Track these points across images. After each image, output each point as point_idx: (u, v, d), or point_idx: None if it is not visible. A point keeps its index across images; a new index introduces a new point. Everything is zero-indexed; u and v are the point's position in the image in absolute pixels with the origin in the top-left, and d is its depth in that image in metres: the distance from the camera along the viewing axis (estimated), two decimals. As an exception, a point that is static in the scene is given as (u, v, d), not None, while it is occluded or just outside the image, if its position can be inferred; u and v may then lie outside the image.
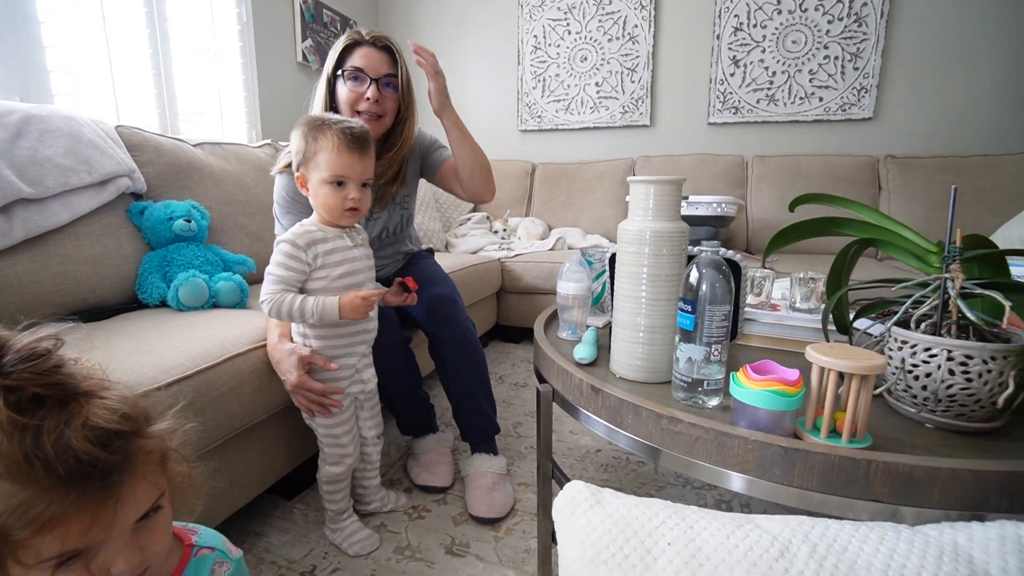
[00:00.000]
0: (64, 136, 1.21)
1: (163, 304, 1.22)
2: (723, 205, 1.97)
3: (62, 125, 1.22)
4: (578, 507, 0.53)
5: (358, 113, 1.12)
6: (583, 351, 0.83)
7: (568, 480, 0.82)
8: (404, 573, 0.96)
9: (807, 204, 0.85)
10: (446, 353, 1.19)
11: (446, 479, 1.21)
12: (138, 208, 1.29)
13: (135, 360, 0.82)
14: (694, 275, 0.67)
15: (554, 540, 0.89)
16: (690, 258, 0.75)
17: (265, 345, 0.98)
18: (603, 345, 0.87)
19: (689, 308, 0.66)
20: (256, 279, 1.18)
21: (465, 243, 2.40)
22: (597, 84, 2.88)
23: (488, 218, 2.65)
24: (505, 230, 2.54)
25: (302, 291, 0.91)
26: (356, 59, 1.11)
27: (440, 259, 1.53)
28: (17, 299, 1.04)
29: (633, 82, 2.80)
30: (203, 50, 2.10)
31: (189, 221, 1.30)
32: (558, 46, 2.92)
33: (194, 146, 1.57)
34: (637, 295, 0.73)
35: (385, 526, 1.09)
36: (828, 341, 0.73)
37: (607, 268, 1.06)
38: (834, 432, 0.55)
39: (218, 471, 0.91)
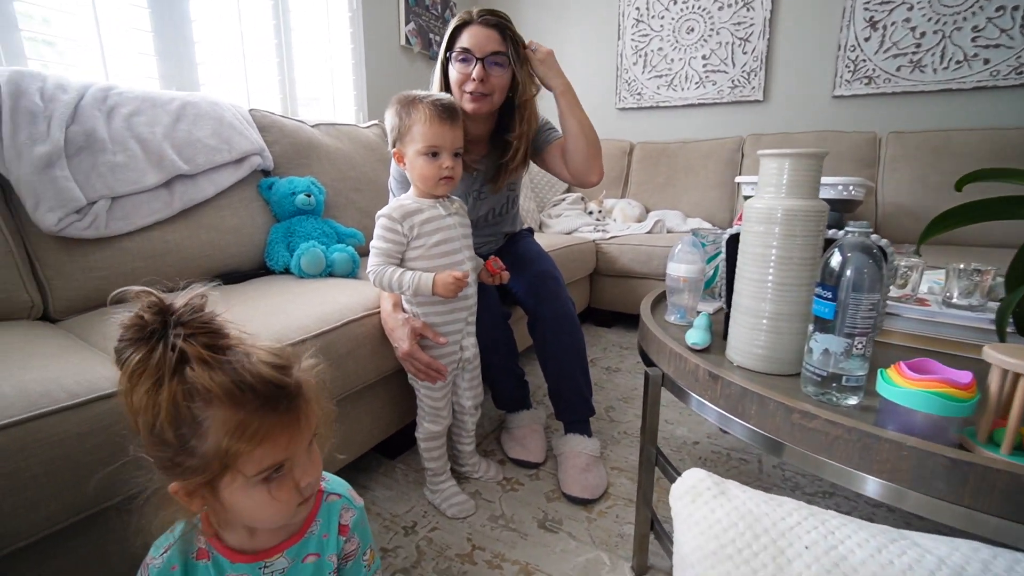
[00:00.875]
0: (211, 119, 1.35)
1: (286, 271, 1.34)
2: (851, 188, 1.76)
3: (209, 110, 1.37)
4: (699, 496, 0.50)
5: (467, 93, 1.12)
6: (696, 336, 0.78)
7: (673, 468, 0.80)
8: (498, 540, 0.98)
9: (975, 183, 0.72)
10: (546, 331, 1.19)
11: (539, 455, 1.23)
12: (267, 183, 1.42)
13: (268, 320, 0.91)
14: (836, 259, 0.60)
15: (652, 528, 0.87)
16: (828, 241, 0.68)
17: (378, 313, 1.04)
18: (714, 332, 0.82)
19: (829, 295, 0.59)
20: (365, 251, 1.25)
21: (559, 223, 2.37)
22: (704, 57, 2.68)
23: (583, 199, 2.60)
24: (600, 211, 2.48)
25: (403, 261, 0.97)
26: (464, 39, 1.11)
27: (535, 239, 1.53)
28: (176, 262, 1.20)
29: (746, 53, 2.57)
30: (319, 38, 2.24)
31: (309, 196, 1.41)
32: (662, 18, 2.76)
33: (312, 127, 1.69)
34: (763, 278, 0.68)
35: (480, 494, 1.12)
36: (1004, 341, 0.62)
37: (722, 250, 1.00)
38: (1018, 449, 0.47)
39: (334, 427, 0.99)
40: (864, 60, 2.35)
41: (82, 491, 0.59)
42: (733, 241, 0.88)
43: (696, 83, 2.73)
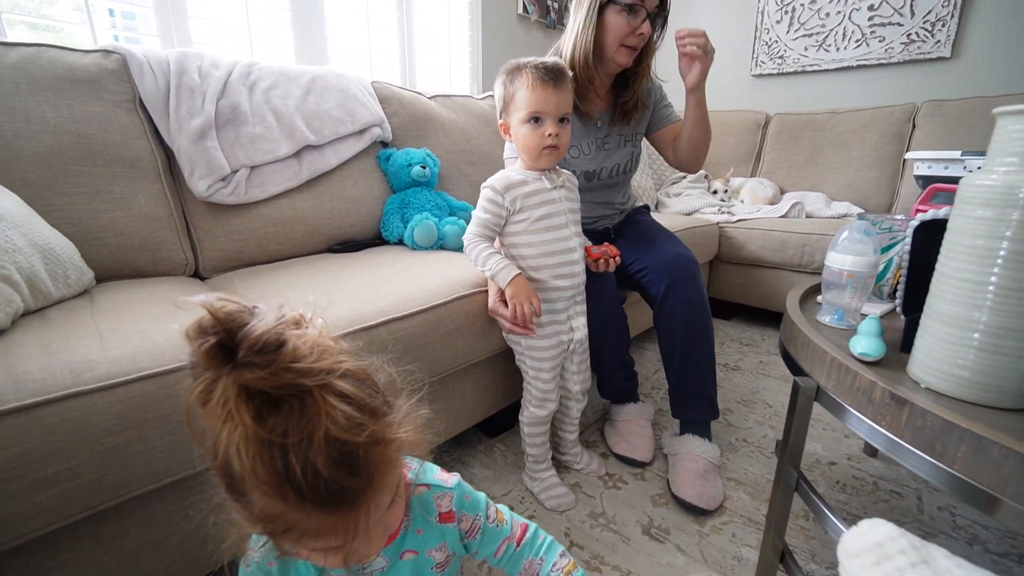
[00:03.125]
0: (337, 91, 1.40)
1: (400, 242, 1.37)
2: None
3: (336, 82, 1.42)
4: (888, 558, 0.39)
5: (625, 47, 1.07)
6: (867, 344, 0.63)
7: (825, 504, 0.66)
8: (598, 541, 0.92)
9: None
10: (675, 321, 1.08)
11: (646, 454, 1.13)
12: (385, 155, 1.45)
13: (379, 292, 0.91)
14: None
15: (782, 562, 0.74)
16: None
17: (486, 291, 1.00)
18: (887, 341, 0.66)
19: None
20: (477, 226, 1.24)
21: (679, 203, 2.18)
22: (871, 7, 2.26)
23: (707, 177, 2.37)
24: (726, 191, 2.24)
25: (504, 235, 0.94)
26: None
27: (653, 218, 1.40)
28: (302, 229, 1.27)
29: None
30: (438, 9, 2.24)
31: (424, 168, 1.41)
32: (820, -36, 2.37)
33: (429, 98, 1.69)
34: (982, 280, 0.51)
35: (580, 487, 1.07)
36: None
37: (902, 240, 0.81)
38: None
39: (438, 401, 0.99)
40: (1106, 0, 1.81)
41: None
42: (924, 230, 0.70)
43: (856, 41, 2.32)
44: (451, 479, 0.57)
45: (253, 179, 1.20)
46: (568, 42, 1.11)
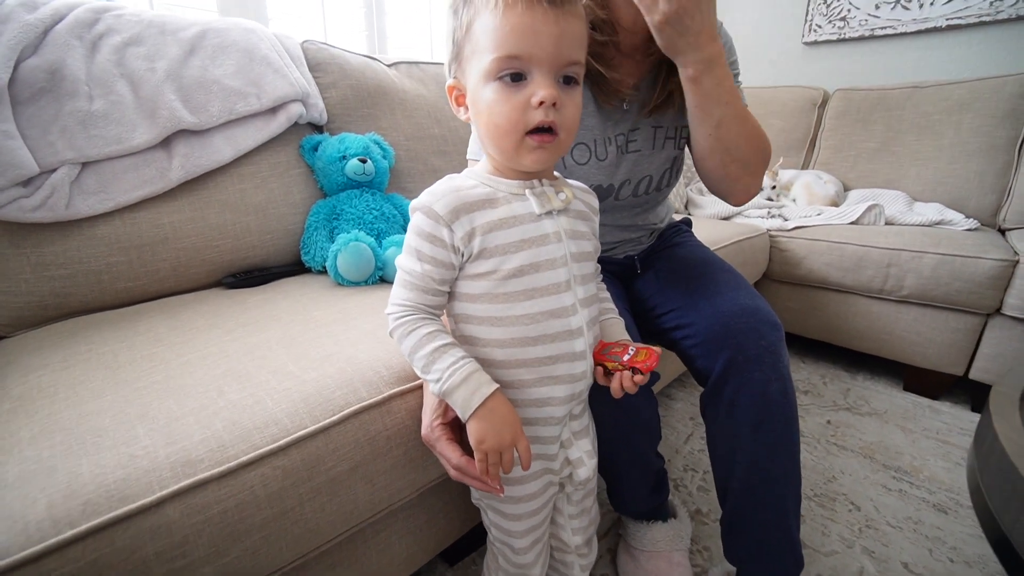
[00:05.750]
0: (237, 52, 0.97)
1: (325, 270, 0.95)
2: None
3: (239, 39, 0.98)
4: None
5: None
6: None
7: None
8: None
9: None
10: (740, 422, 0.65)
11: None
12: (312, 143, 1.02)
13: (215, 403, 0.49)
14: None
15: None
16: None
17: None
18: None
19: None
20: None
21: (715, 204, 1.73)
22: (969, -50, 1.76)
23: (748, 169, 1.90)
24: (774, 188, 1.77)
25: (453, 296, 0.50)
26: None
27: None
28: (171, 257, 0.85)
29: (1052, -63, 1.61)
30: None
31: (365, 161, 0.99)
32: None
33: (388, 66, 1.25)
34: None
35: None
36: None
37: None
38: None
39: (336, 571, 0.57)
40: None
41: None
42: None
43: (947, -5, 1.82)
44: None
45: (86, 182, 0.79)
46: None
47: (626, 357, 0.51)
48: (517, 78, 0.44)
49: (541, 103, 0.43)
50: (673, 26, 0.57)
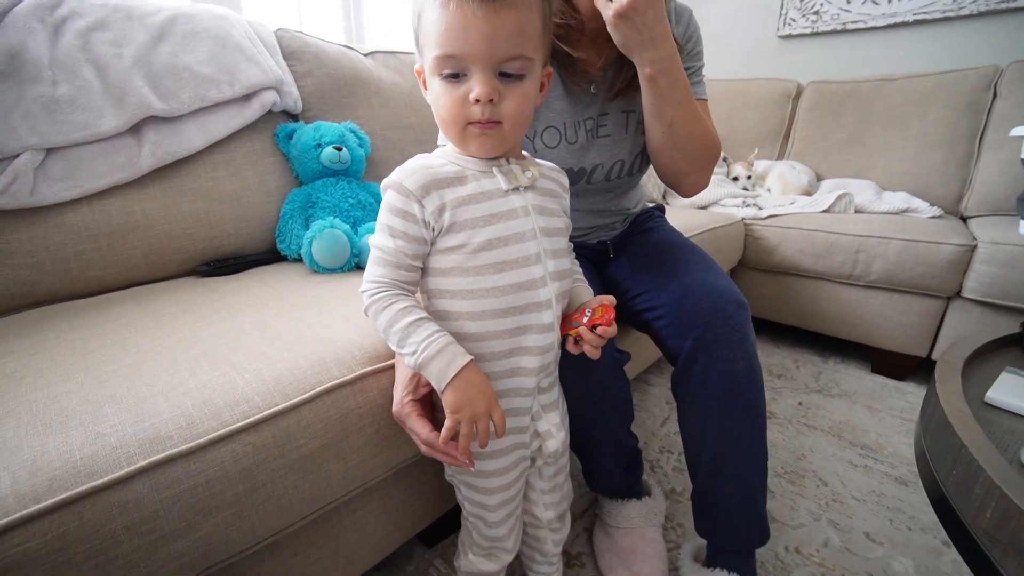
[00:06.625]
0: (209, 39, 0.96)
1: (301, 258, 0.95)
2: None
3: (210, 25, 0.97)
4: None
5: None
6: None
7: None
8: None
9: None
10: (708, 400, 0.67)
11: (659, 592, 0.74)
12: (286, 131, 1.01)
13: (192, 379, 0.50)
14: None
15: None
16: None
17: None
18: None
19: None
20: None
21: (690, 194, 1.75)
22: (935, -54, 1.80)
23: (726, 160, 1.93)
24: (749, 178, 1.81)
25: (426, 272, 0.51)
26: None
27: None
28: (142, 245, 0.84)
29: (1013, -66, 1.66)
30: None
31: (340, 149, 0.99)
32: None
33: (365, 55, 1.25)
34: None
35: (552, 668, 0.67)
36: None
37: None
38: None
39: (312, 548, 0.58)
40: None
41: None
42: None
43: (914, -10, 1.86)
44: None
45: (52, 169, 0.78)
46: None
47: (585, 319, 0.54)
48: (455, 76, 0.45)
49: (476, 100, 0.45)
50: (627, 22, 0.59)
